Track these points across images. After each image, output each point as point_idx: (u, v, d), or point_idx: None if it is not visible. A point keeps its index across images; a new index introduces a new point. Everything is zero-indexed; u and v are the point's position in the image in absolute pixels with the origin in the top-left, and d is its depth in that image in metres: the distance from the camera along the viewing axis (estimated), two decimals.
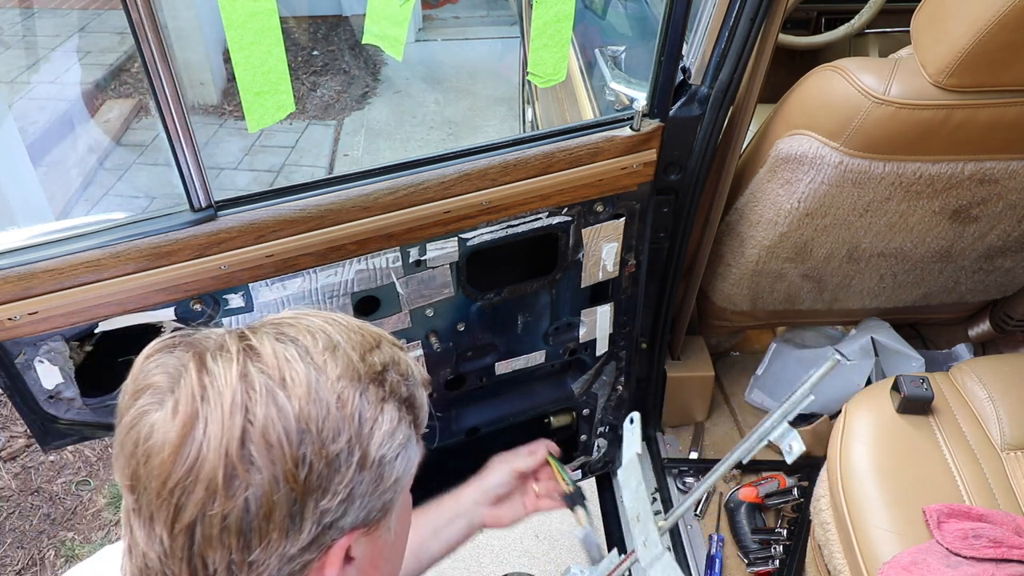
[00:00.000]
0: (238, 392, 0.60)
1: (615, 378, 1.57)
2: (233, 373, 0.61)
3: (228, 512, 0.59)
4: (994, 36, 1.09)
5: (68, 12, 5.30)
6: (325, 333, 0.67)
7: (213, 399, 0.60)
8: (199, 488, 0.59)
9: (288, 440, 0.60)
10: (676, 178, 1.35)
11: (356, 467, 0.64)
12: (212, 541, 0.60)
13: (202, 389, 0.61)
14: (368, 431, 0.66)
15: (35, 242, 0.99)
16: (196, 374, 0.61)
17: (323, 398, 0.63)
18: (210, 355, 0.63)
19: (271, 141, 4.37)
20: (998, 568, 1.15)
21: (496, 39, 5.59)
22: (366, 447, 0.65)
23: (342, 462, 0.63)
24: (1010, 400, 1.39)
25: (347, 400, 0.64)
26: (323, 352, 0.65)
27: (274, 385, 0.62)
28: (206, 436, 0.59)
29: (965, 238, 1.50)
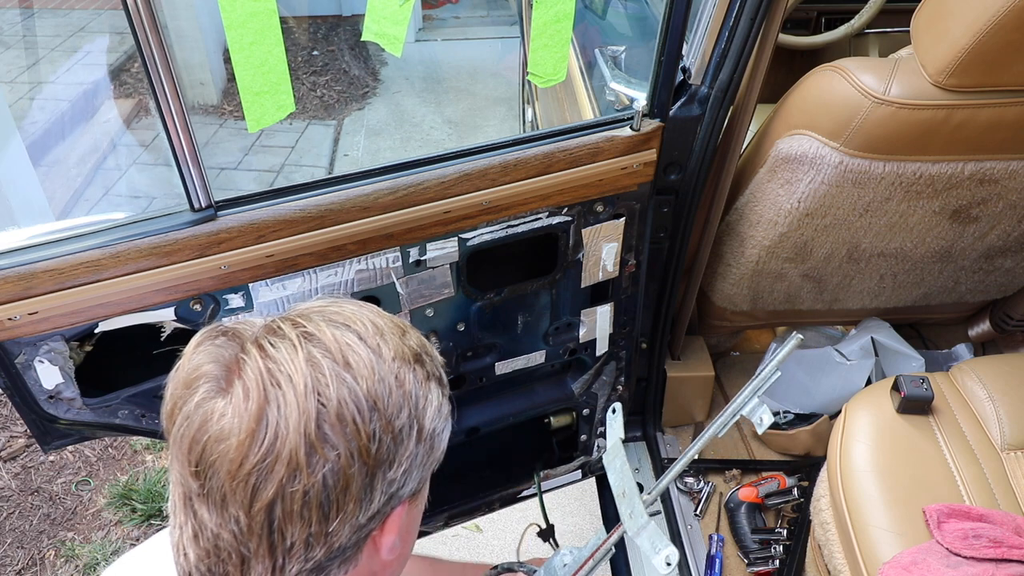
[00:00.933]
0: (308, 376, 0.63)
1: (615, 378, 1.57)
2: (300, 358, 0.64)
3: (308, 488, 0.63)
4: (994, 36, 1.09)
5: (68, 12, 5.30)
6: (369, 319, 0.71)
7: (284, 383, 0.63)
8: (279, 467, 0.62)
9: (360, 417, 0.64)
10: (676, 178, 1.35)
11: (416, 439, 0.70)
12: (292, 516, 0.63)
13: (270, 375, 0.63)
14: (422, 407, 0.71)
15: (35, 242, 0.99)
16: (260, 360, 0.64)
17: (384, 378, 0.67)
18: (267, 342, 0.65)
19: (271, 141, 4.37)
20: (998, 568, 1.15)
21: (496, 39, 5.59)
22: (422, 421, 0.70)
23: (405, 435, 0.68)
24: (1010, 400, 1.39)
25: (404, 379, 0.69)
26: (374, 336, 0.69)
27: (340, 368, 0.65)
28: (283, 417, 0.62)
29: (965, 238, 1.50)
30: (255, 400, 0.62)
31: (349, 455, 0.64)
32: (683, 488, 1.78)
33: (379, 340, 0.69)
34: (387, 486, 0.68)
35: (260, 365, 0.64)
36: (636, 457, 1.85)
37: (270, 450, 0.62)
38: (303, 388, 0.63)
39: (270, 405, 0.62)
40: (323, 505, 0.64)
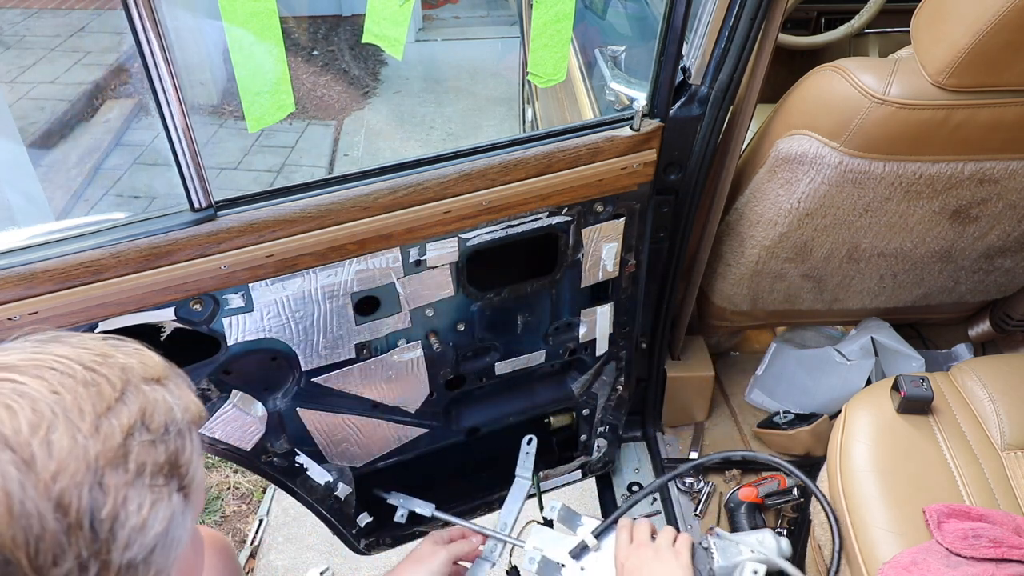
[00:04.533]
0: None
1: (615, 378, 1.57)
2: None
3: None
4: (994, 36, 1.09)
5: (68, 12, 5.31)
6: (32, 403, 0.50)
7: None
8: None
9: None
10: (676, 178, 1.35)
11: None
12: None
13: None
14: (108, 533, 0.51)
15: (35, 242, 0.99)
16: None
17: (31, 511, 0.47)
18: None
19: (271, 141, 4.37)
20: (998, 568, 1.15)
21: (496, 39, 5.59)
22: (107, 556, 0.51)
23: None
24: (1010, 400, 1.39)
25: (70, 504, 0.49)
26: (30, 437, 0.49)
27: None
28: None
29: (965, 238, 1.50)
30: None
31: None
32: (683, 488, 1.78)
33: (35, 445, 0.49)
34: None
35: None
36: (636, 457, 1.85)
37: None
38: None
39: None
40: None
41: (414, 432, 1.43)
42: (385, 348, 1.27)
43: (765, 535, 1.25)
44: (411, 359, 1.30)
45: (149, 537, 0.54)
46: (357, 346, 1.23)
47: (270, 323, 1.13)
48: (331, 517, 1.47)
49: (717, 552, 1.23)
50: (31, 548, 0.47)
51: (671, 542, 1.18)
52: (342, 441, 1.36)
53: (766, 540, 1.24)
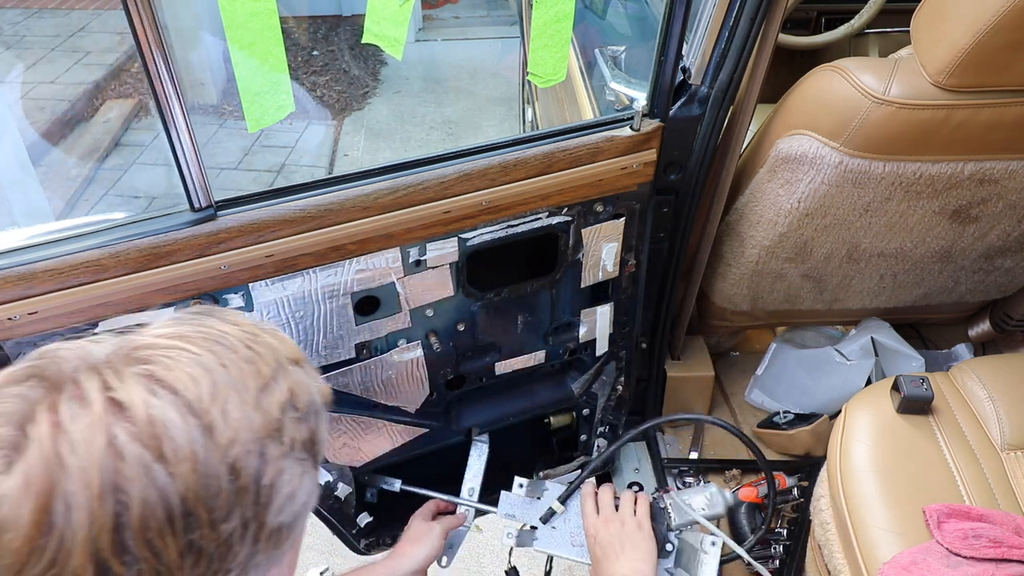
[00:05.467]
0: (107, 468, 0.49)
1: (615, 378, 1.57)
2: (99, 440, 0.50)
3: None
4: (994, 36, 1.09)
5: (68, 12, 5.31)
6: (210, 374, 0.55)
7: (75, 473, 0.49)
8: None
9: (172, 528, 0.51)
10: (676, 178, 1.35)
11: (251, 541, 0.56)
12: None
13: (57, 456, 0.49)
14: (266, 500, 0.56)
15: (35, 242, 0.99)
16: (48, 431, 0.50)
17: (212, 471, 0.52)
18: (65, 406, 0.51)
19: (271, 141, 4.37)
20: (998, 568, 1.15)
21: (496, 39, 5.59)
22: (264, 518, 0.56)
23: (235, 540, 0.55)
24: (1010, 400, 1.39)
25: (241, 469, 0.54)
26: (210, 406, 0.54)
27: (151, 458, 0.51)
28: (69, 524, 0.49)
29: (965, 238, 1.50)
30: (37, 492, 0.49)
31: (154, 573, 0.51)
32: (682, 487, 1.78)
33: (215, 413, 0.54)
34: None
35: (48, 443, 0.49)
36: (636, 457, 1.85)
37: (51, 563, 0.49)
38: (98, 486, 0.49)
39: (56, 501, 0.49)
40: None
41: (414, 432, 1.43)
42: (385, 348, 1.27)
43: (713, 493, 1.38)
44: (411, 359, 1.30)
45: (296, 505, 0.60)
46: (357, 346, 1.23)
47: (270, 323, 1.13)
48: (331, 517, 1.47)
49: (673, 511, 1.35)
50: (209, 504, 0.52)
51: (633, 510, 1.31)
52: (342, 441, 1.36)
53: (715, 498, 1.37)
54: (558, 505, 1.37)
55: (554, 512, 1.38)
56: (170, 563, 0.52)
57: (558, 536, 1.39)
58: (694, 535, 1.36)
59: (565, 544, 1.37)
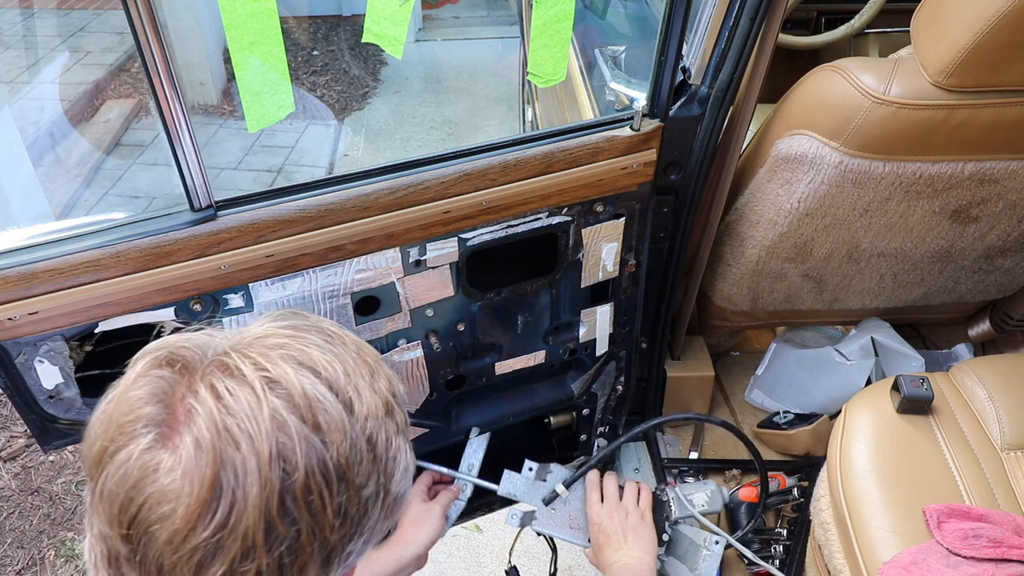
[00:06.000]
0: (273, 439, 0.54)
1: (615, 378, 1.57)
2: (264, 414, 0.55)
3: (262, 568, 0.55)
4: (994, 36, 1.09)
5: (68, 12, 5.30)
6: (339, 361, 0.61)
7: (244, 445, 0.54)
8: (232, 545, 0.54)
9: (328, 491, 0.57)
10: (676, 178, 1.35)
11: (380, 506, 0.63)
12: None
13: (227, 431, 0.54)
14: (391, 470, 0.63)
15: (35, 242, 0.99)
16: (216, 410, 0.54)
17: (356, 442, 0.59)
18: (223, 385, 0.56)
19: (271, 141, 4.37)
20: (998, 568, 1.15)
21: (496, 39, 5.59)
22: (389, 486, 0.63)
23: (370, 505, 0.61)
24: (1010, 400, 1.39)
25: (375, 440, 0.61)
26: (346, 386, 0.60)
27: (308, 429, 0.56)
28: (241, 488, 0.53)
29: (965, 238, 1.50)
30: (209, 461, 0.53)
31: (311, 532, 0.57)
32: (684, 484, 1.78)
33: (351, 392, 0.60)
34: (345, 557, 0.61)
35: (216, 416, 0.54)
36: (636, 457, 1.85)
37: (223, 524, 0.53)
38: (267, 454, 0.54)
39: (226, 469, 0.53)
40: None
41: (414, 432, 1.43)
42: (385, 348, 1.27)
43: (713, 491, 1.44)
44: (411, 359, 1.30)
45: (408, 477, 0.67)
46: None
47: None
48: None
49: (673, 504, 1.41)
50: (355, 470, 0.59)
51: (637, 501, 1.37)
52: None
53: (714, 495, 1.43)
54: (562, 489, 1.39)
55: (557, 495, 1.40)
56: (324, 523, 0.57)
57: (557, 518, 1.42)
58: (696, 531, 1.40)
59: (563, 526, 1.40)
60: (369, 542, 0.64)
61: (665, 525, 1.39)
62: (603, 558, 1.31)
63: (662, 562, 1.40)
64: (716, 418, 1.42)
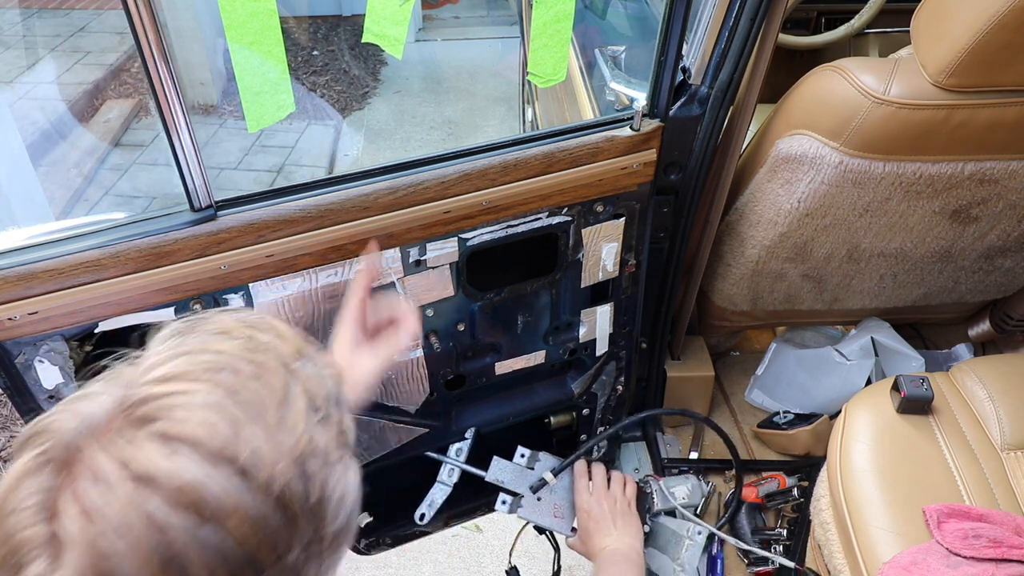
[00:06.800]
0: (155, 546, 0.47)
1: (615, 378, 1.57)
2: (138, 520, 0.47)
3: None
4: (994, 36, 1.09)
5: (68, 12, 5.30)
6: (223, 412, 0.52)
7: (124, 561, 0.47)
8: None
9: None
10: (676, 178, 1.35)
11: (316, 556, 0.56)
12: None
13: (98, 549, 0.47)
14: (320, 515, 0.55)
15: (35, 242, 0.99)
16: (81, 524, 0.47)
17: (261, 513, 0.51)
18: (88, 491, 0.48)
19: (271, 141, 4.37)
20: (998, 568, 1.15)
21: (496, 39, 5.59)
22: (323, 532, 0.56)
23: (301, 564, 0.54)
24: (1010, 400, 1.39)
25: (289, 500, 0.52)
26: (236, 448, 0.50)
27: (195, 523, 0.48)
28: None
29: (965, 238, 1.50)
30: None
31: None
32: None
33: (244, 454, 0.51)
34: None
35: (86, 536, 0.47)
36: (636, 457, 1.85)
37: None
38: (156, 564, 0.47)
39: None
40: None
41: (414, 432, 1.43)
42: None
43: (694, 485, 1.51)
44: (411, 359, 1.30)
45: (347, 504, 0.59)
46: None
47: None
48: None
49: (656, 496, 1.48)
50: (268, 544, 0.51)
51: (623, 490, 1.41)
52: None
53: (695, 489, 1.50)
54: (550, 477, 1.42)
55: (545, 483, 1.42)
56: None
57: (542, 507, 1.44)
58: (678, 522, 1.46)
59: (547, 515, 1.43)
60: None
61: (646, 517, 1.44)
62: (592, 544, 1.33)
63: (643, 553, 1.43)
64: (698, 414, 1.49)
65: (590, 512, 1.36)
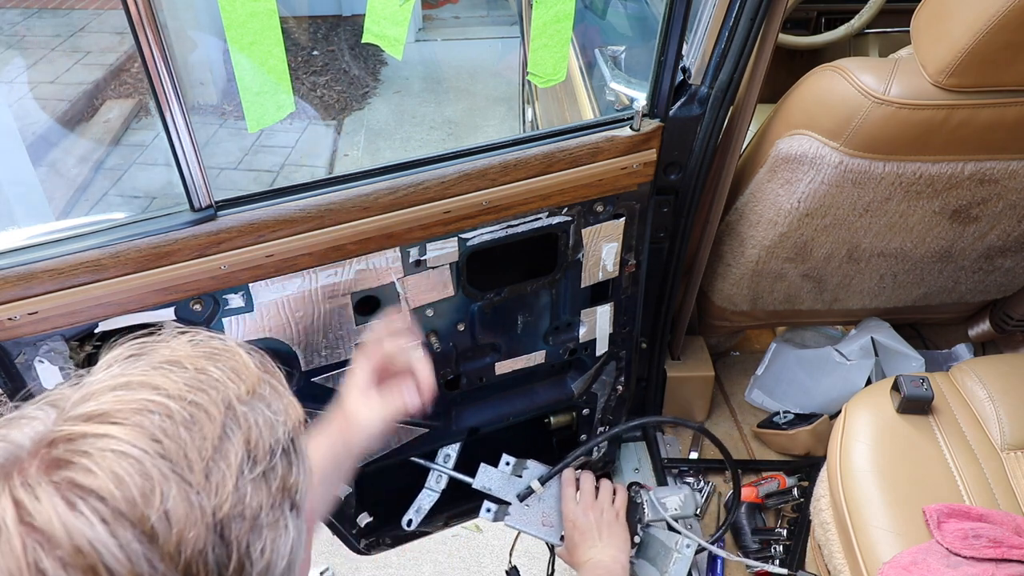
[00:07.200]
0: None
1: (615, 378, 1.57)
2: (23, 570, 0.45)
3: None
4: (994, 36, 1.09)
5: (68, 12, 5.30)
6: (139, 466, 0.47)
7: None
8: None
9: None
10: (676, 178, 1.35)
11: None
12: None
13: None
14: (247, 573, 0.51)
15: (35, 242, 0.99)
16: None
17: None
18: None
19: (271, 141, 4.37)
20: (998, 568, 1.15)
21: (496, 39, 5.59)
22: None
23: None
24: (1010, 400, 1.39)
25: (199, 570, 0.48)
26: (145, 508, 0.47)
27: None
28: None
29: (965, 238, 1.50)
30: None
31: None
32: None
33: (154, 515, 0.47)
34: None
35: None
36: (636, 457, 1.85)
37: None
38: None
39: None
40: None
41: (413, 432, 1.43)
42: None
43: (686, 496, 1.47)
44: None
45: (280, 565, 0.53)
46: (357, 346, 1.23)
47: (270, 323, 1.13)
48: (331, 517, 1.47)
49: (647, 507, 1.43)
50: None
51: (612, 501, 1.38)
52: None
53: (687, 500, 1.46)
54: (537, 485, 1.40)
55: (532, 491, 1.40)
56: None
57: (529, 514, 1.43)
58: (667, 534, 1.43)
59: (535, 523, 1.41)
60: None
61: (637, 527, 1.41)
62: (577, 555, 1.31)
63: (632, 564, 1.41)
64: (692, 422, 1.47)
65: (576, 522, 1.34)
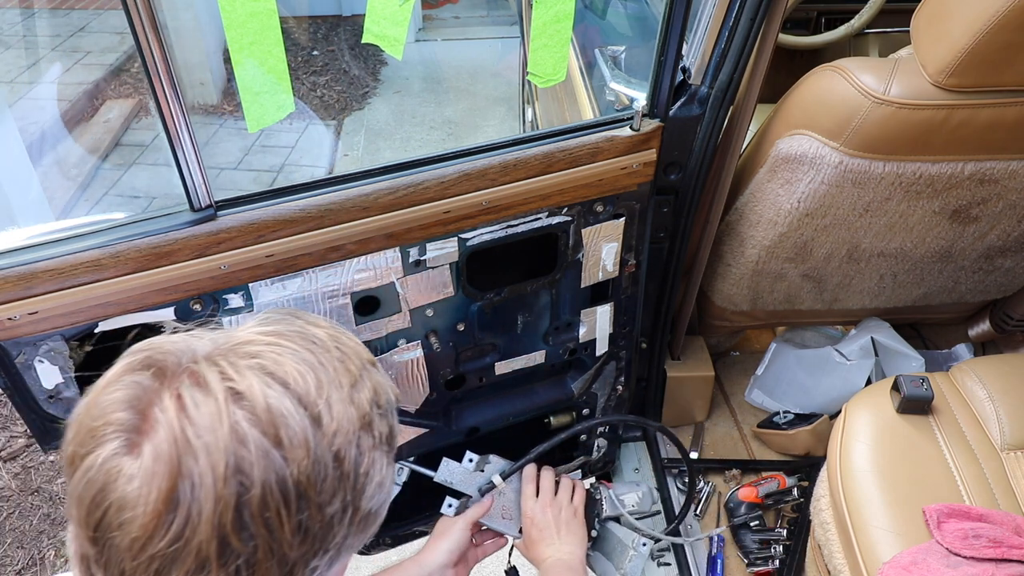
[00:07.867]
0: (231, 452, 0.54)
1: (615, 378, 1.57)
2: (224, 427, 0.54)
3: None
4: (994, 36, 1.09)
5: (68, 12, 5.30)
6: (313, 370, 0.60)
7: (201, 457, 0.53)
8: (187, 557, 0.54)
9: (287, 508, 0.56)
10: (676, 178, 1.35)
11: (348, 523, 0.61)
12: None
13: (186, 442, 0.53)
14: (361, 486, 0.61)
15: (35, 242, 0.99)
16: (175, 416, 0.54)
17: (321, 458, 0.57)
18: (187, 392, 0.55)
19: (271, 141, 4.37)
20: (998, 568, 1.15)
21: (496, 39, 5.59)
22: (359, 502, 0.62)
23: (336, 521, 0.60)
24: (1010, 400, 1.39)
25: (344, 457, 0.59)
26: (316, 399, 0.59)
27: (269, 444, 0.55)
28: (196, 501, 0.53)
29: (965, 238, 1.50)
30: (165, 472, 0.53)
31: (268, 549, 0.56)
32: (682, 488, 1.78)
33: (321, 406, 0.58)
34: (310, 573, 0.60)
35: (176, 427, 0.54)
36: (636, 457, 1.85)
37: (178, 537, 0.53)
38: (223, 468, 0.53)
39: (183, 481, 0.53)
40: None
41: (414, 432, 1.43)
42: (385, 348, 1.27)
43: (644, 493, 1.49)
44: (411, 359, 1.30)
45: (383, 493, 0.65)
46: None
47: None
48: None
49: (605, 503, 1.46)
50: (318, 488, 0.57)
51: (571, 498, 1.40)
52: None
53: (645, 497, 1.48)
54: (499, 480, 1.40)
55: (493, 486, 1.40)
56: (282, 540, 0.56)
57: (490, 508, 1.43)
58: (625, 532, 1.44)
59: (495, 516, 1.42)
60: (338, 558, 0.63)
61: (595, 522, 1.43)
62: (536, 552, 1.34)
63: (589, 555, 1.43)
64: (651, 422, 1.54)
65: (534, 520, 1.36)
